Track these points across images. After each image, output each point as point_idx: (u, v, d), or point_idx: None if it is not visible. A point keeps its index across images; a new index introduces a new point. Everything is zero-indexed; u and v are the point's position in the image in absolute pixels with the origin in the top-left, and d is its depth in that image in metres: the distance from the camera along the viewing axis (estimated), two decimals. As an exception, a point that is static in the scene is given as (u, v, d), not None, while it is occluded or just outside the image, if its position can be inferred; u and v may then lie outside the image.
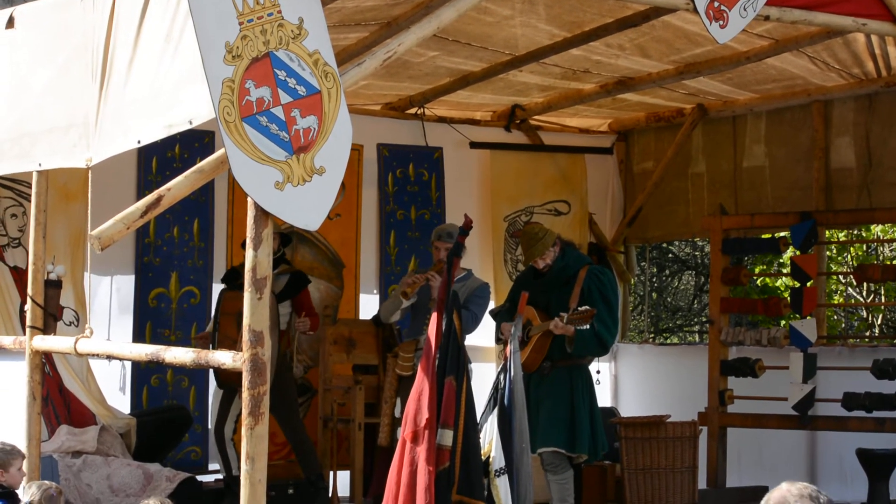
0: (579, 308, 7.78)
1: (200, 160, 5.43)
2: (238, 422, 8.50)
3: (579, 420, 7.89)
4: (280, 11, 5.01)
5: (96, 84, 5.72)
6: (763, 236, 11.65)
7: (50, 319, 6.55)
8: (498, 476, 6.69)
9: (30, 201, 6.72)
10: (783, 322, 12.07)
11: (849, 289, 16.29)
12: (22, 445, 6.28)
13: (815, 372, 9.50)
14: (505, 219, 11.19)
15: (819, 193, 10.30)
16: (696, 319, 19.28)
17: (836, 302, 15.87)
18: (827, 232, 10.73)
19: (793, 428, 9.65)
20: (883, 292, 15.68)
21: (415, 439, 6.30)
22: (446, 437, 6.32)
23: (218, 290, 9.22)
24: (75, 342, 6.11)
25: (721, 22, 6.58)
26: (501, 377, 6.92)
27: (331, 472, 8.98)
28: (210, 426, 9.30)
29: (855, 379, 9.38)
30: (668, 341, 17.84)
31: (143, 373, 9.45)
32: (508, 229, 11.16)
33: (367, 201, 10.56)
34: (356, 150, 10.06)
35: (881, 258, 16.03)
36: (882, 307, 16.20)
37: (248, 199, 4.98)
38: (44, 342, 6.46)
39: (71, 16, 6.06)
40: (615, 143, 11.80)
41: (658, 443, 8.92)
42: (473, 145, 11.07)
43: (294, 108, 5.01)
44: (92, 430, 8.56)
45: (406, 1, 7.81)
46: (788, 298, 10.06)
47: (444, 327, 6.45)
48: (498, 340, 8.40)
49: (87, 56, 5.82)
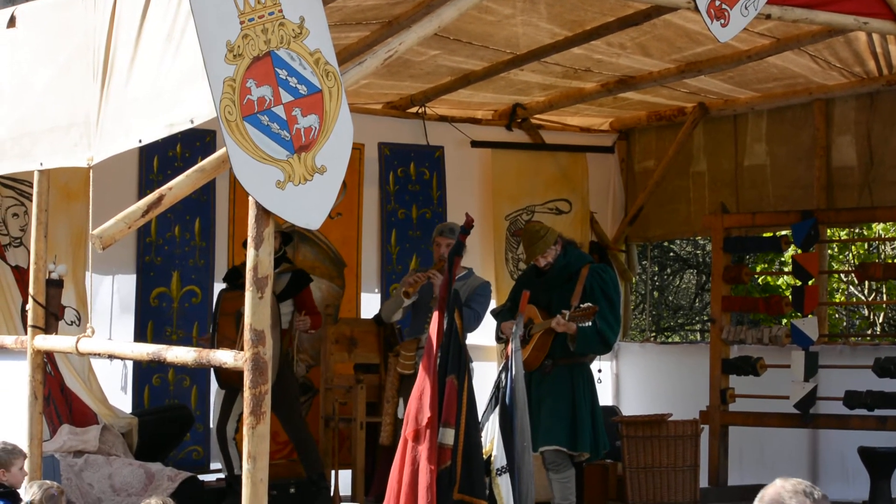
0: (581, 305, 7.78)
1: (202, 159, 5.43)
2: (240, 421, 8.50)
3: (581, 418, 7.89)
4: (281, 10, 5.01)
5: (97, 83, 5.72)
6: (764, 235, 11.65)
7: (51, 319, 6.54)
8: (499, 475, 6.69)
9: (31, 201, 6.71)
10: (784, 320, 12.08)
11: (850, 287, 16.27)
12: (24, 445, 6.28)
13: (816, 370, 9.50)
14: (506, 218, 11.18)
15: (820, 192, 10.29)
16: (697, 318, 19.28)
17: (837, 300, 15.86)
18: (828, 230, 10.72)
19: (794, 426, 9.66)
20: (884, 291, 15.66)
21: (416, 438, 6.30)
22: (448, 435, 6.31)
23: (219, 289, 9.23)
24: (77, 341, 6.11)
25: (722, 21, 6.58)
26: (503, 376, 6.92)
27: (332, 472, 8.98)
28: (212, 425, 9.30)
29: (856, 377, 9.38)
30: (670, 340, 17.83)
31: (144, 372, 9.45)
32: (510, 228, 11.15)
33: (368, 200, 10.55)
34: (357, 149, 10.06)
35: (882, 257, 16.02)
36: (883, 305, 16.18)
37: (250, 198, 4.97)
38: (45, 341, 6.46)
39: (72, 15, 6.06)
40: (616, 142, 11.79)
41: (660, 441, 8.92)
42: (474, 144, 11.07)
43: (295, 107, 5.01)
44: (94, 430, 8.56)
45: (407, 0, 7.81)
46: (790, 297, 10.06)
47: (445, 326, 6.45)
48: (498, 339, 8.40)
49: (89, 55, 5.81)
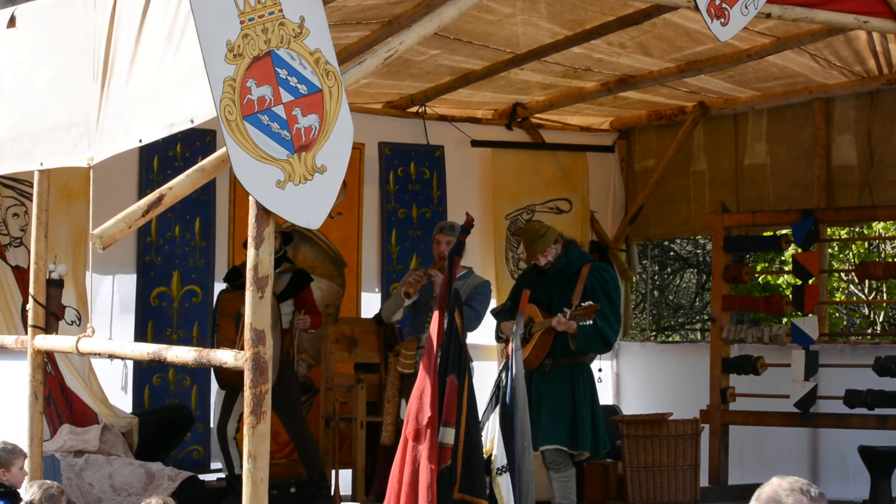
0: (582, 304, 7.78)
1: (202, 159, 5.42)
2: (240, 421, 8.49)
3: (581, 417, 7.89)
4: (281, 10, 5.01)
5: (98, 83, 5.72)
6: (764, 234, 11.66)
7: (52, 319, 6.54)
8: (500, 474, 6.69)
9: (31, 201, 6.71)
10: (785, 319, 12.09)
11: (850, 286, 16.28)
12: (24, 445, 6.28)
13: (816, 369, 9.50)
14: (506, 217, 11.19)
15: (820, 191, 10.29)
16: (697, 317, 19.29)
17: (837, 299, 15.87)
18: (828, 229, 10.72)
19: (795, 425, 9.66)
20: (885, 289, 15.67)
21: (417, 438, 6.30)
22: (448, 435, 6.32)
23: (220, 288, 9.23)
24: (77, 341, 6.11)
25: (722, 20, 6.58)
26: (503, 375, 6.92)
27: (333, 471, 8.98)
28: (212, 425, 9.30)
29: (857, 376, 9.38)
30: (670, 339, 17.84)
31: (144, 372, 9.45)
32: (510, 227, 11.15)
33: (368, 200, 10.56)
34: (357, 149, 10.05)
35: (883, 255, 16.03)
36: (884, 304, 16.19)
37: (250, 197, 4.97)
38: (46, 341, 6.46)
39: (72, 15, 6.05)
40: (616, 141, 11.79)
41: (660, 440, 8.92)
42: (475, 144, 11.07)
43: (295, 106, 5.01)
44: (94, 430, 8.56)
45: (407, 0, 7.82)
46: (790, 296, 10.07)
47: (445, 325, 6.45)
48: (498, 339, 8.40)
49: (89, 55, 5.81)
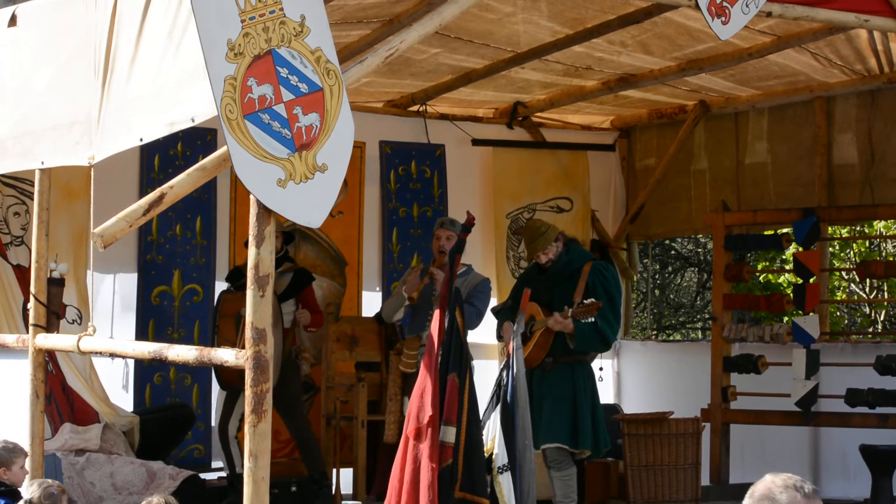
0: (584, 301, 7.78)
1: (203, 158, 5.42)
2: (242, 420, 8.49)
3: (582, 416, 7.89)
4: (282, 9, 5.00)
5: (99, 82, 5.71)
6: (765, 233, 11.65)
7: (53, 317, 6.54)
8: (501, 473, 6.69)
9: (32, 199, 6.70)
10: (786, 318, 12.08)
11: (851, 285, 16.27)
12: (25, 444, 6.29)
13: (817, 368, 9.50)
14: (507, 216, 11.19)
15: (821, 190, 10.29)
16: (698, 316, 19.29)
17: (838, 298, 15.86)
18: (829, 228, 10.70)
19: (796, 424, 9.66)
20: (886, 288, 15.67)
21: (418, 436, 6.30)
22: (449, 434, 6.32)
23: (220, 287, 9.22)
24: (78, 340, 6.10)
25: (723, 18, 6.57)
26: (504, 374, 6.92)
27: (334, 470, 8.98)
28: (213, 424, 9.31)
29: (858, 375, 9.38)
30: (671, 338, 17.83)
31: (145, 371, 9.45)
32: (511, 226, 11.15)
33: (369, 199, 10.56)
34: (358, 148, 10.06)
35: (884, 254, 16.01)
36: (885, 303, 16.18)
37: (251, 196, 4.97)
38: (47, 340, 6.46)
39: (73, 14, 6.05)
40: (617, 140, 11.79)
41: (661, 439, 8.92)
42: (475, 142, 11.07)
43: (296, 105, 5.00)
44: (95, 429, 8.56)
45: (408, -2, 7.82)
46: (791, 295, 10.07)
47: (446, 324, 6.45)
48: (500, 338, 8.40)
49: (90, 54, 5.81)
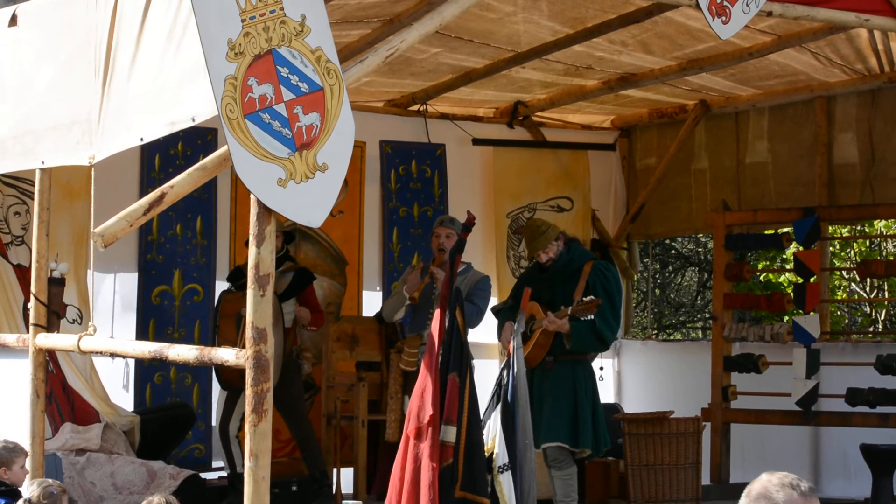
0: (584, 298, 7.79)
1: (203, 157, 5.42)
2: (243, 419, 8.49)
3: (582, 415, 7.89)
4: (282, 8, 5.00)
5: (99, 81, 5.71)
6: (766, 232, 11.65)
7: (53, 317, 6.54)
8: (501, 472, 6.69)
9: (33, 199, 6.71)
10: (786, 318, 12.08)
11: (852, 284, 16.27)
12: (26, 443, 6.29)
13: (818, 367, 9.50)
14: (508, 215, 11.19)
15: (822, 189, 10.29)
16: (699, 315, 19.29)
17: (839, 298, 15.85)
18: (830, 227, 10.69)
19: (796, 424, 9.66)
20: (886, 288, 15.67)
21: (418, 436, 6.30)
22: (450, 433, 6.32)
23: (221, 287, 9.22)
24: (79, 340, 6.10)
25: (724, 18, 6.57)
26: (505, 373, 6.93)
27: (334, 469, 8.98)
28: (214, 423, 9.30)
29: (858, 374, 9.38)
30: (672, 337, 17.84)
31: (146, 370, 9.45)
32: (511, 226, 11.15)
33: (369, 198, 10.56)
34: (359, 147, 10.05)
35: (884, 254, 16.01)
36: (885, 303, 16.18)
37: (251, 196, 4.97)
38: (47, 340, 6.46)
39: (74, 13, 6.05)
40: (618, 140, 11.79)
41: (661, 439, 8.92)
42: (476, 142, 11.07)
43: (297, 104, 5.00)
44: (95, 428, 8.56)
45: (408, -2, 7.82)
46: (791, 294, 10.07)
47: (447, 324, 6.45)
48: (500, 338, 8.40)
49: (90, 53, 5.81)
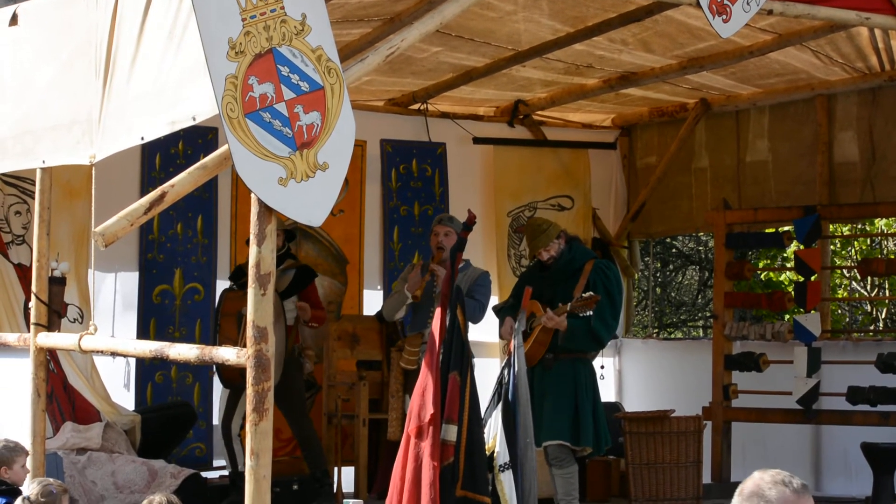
0: (583, 295, 7.79)
1: (204, 156, 5.42)
2: (245, 417, 8.49)
3: (583, 413, 7.89)
4: (283, 7, 5.00)
5: (100, 81, 5.71)
6: (767, 231, 11.65)
7: (54, 316, 6.54)
8: (502, 471, 6.70)
9: (34, 198, 6.71)
10: (787, 316, 12.08)
11: (853, 283, 16.26)
12: (27, 442, 6.29)
13: (819, 366, 9.50)
14: (508, 214, 11.19)
15: (823, 188, 10.29)
16: (700, 314, 19.28)
17: (840, 296, 15.84)
18: (831, 226, 10.69)
19: (797, 422, 9.66)
20: (887, 286, 15.66)
21: (419, 435, 6.30)
22: (450, 432, 6.32)
23: (222, 286, 9.22)
24: (79, 339, 6.10)
25: (724, 16, 6.57)
26: (505, 372, 6.93)
27: (335, 468, 8.98)
28: (216, 422, 9.31)
29: (859, 373, 9.38)
30: (673, 336, 17.83)
31: (147, 369, 9.45)
32: (512, 224, 11.15)
33: (370, 197, 10.56)
34: (359, 146, 10.06)
35: (885, 252, 16.01)
36: (886, 301, 16.17)
37: (252, 195, 4.97)
38: (48, 339, 6.46)
39: (74, 12, 6.05)
40: (618, 138, 11.79)
41: (662, 437, 8.92)
42: (477, 141, 11.07)
43: (297, 104, 5.00)
44: (96, 427, 8.57)
45: (409, -4, 7.82)
46: (792, 293, 10.06)
47: (447, 322, 6.45)
48: (502, 336, 8.40)
49: (91, 53, 5.81)
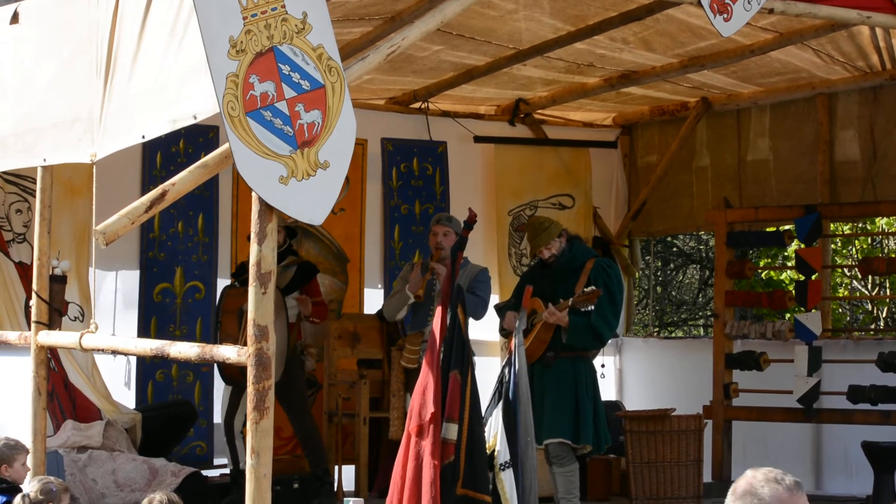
0: (585, 289, 7.79)
1: (205, 155, 5.42)
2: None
3: (583, 411, 7.89)
4: (284, 6, 5.00)
5: (101, 79, 5.71)
6: (767, 229, 11.64)
7: (55, 315, 6.55)
8: (503, 470, 6.70)
9: (35, 197, 6.71)
10: (788, 315, 12.07)
11: (854, 282, 16.26)
12: (27, 441, 6.29)
13: (819, 365, 9.50)
14: (509, 213, 11.19)
15: (823, 186, 10.29)
16: (700, 313, 19.27)
17: (840, 295, 15.84)
18: (831, 225, 10.68)
19: (798, 421, 9.66)
20: (888, 285, 15.65)
21: (420, 433, 6.30)
22: (451, 430, 6.32)
23: (222, 284, 9.22)
24: (80, 337, 6.10)
25: (725, 15, 6.57)
26: (506, 371, 6.93)
27: (336, 467, 8.98)
28: (217, 420, 9.31)
29: (860, 372, 9.38)
30: (673, 335, 17.82)
31: (148, 368, 9.45)
32: (513, 223, 11.16)
33: (371, 196, 10.56)
34: (360, 145, 10.06)
35: (886, 251, 16.00)
36: (887, 300, 16.16)
37: (253, 193, 4.97)
38: (49, 337, 6.46)
39: (75, 10, 6.05)
40: (619, 137, 11.79)
41: (663, 436, 8.93)
42: (477, 139, 11.07)
43: (298, 102, 5.00)
44: (97, 426, 8.57)
45: (410, -5, 7.82)
46: (793, 291, 10.06)
47: (448, 321, 6.45)
48: (502, 332, 8.40)
49: (92, 51, 5.81)
